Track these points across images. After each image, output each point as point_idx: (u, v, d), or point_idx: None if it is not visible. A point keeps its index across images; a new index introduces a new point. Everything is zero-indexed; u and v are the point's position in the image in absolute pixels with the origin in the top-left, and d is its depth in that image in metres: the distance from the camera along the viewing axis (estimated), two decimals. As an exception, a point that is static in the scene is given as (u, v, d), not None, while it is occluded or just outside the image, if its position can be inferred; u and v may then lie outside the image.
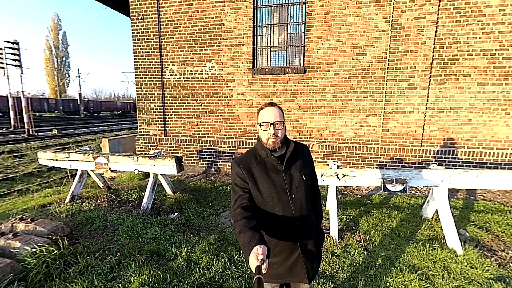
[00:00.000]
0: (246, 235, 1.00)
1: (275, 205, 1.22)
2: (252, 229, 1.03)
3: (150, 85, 5.81)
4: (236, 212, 1.15)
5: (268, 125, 1.20)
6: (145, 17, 5.51)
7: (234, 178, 1.26)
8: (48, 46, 45.27)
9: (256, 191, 1.22)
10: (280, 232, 1.23)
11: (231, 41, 5.19)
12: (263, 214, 1.22)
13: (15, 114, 17.32)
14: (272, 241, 1.23)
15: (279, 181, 1.23)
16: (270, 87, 5.20)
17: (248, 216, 1.11)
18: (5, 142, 11.86)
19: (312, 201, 1.43)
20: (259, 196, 1.22)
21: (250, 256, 0.88)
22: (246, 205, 1.17)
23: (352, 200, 4.18)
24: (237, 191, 1.23)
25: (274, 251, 1.24)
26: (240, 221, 1.09)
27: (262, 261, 0.84)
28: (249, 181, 1.22)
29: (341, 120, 4.98)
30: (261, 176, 1.23)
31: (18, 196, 5.11)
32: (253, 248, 0.90)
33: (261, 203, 1.23)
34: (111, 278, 2.19)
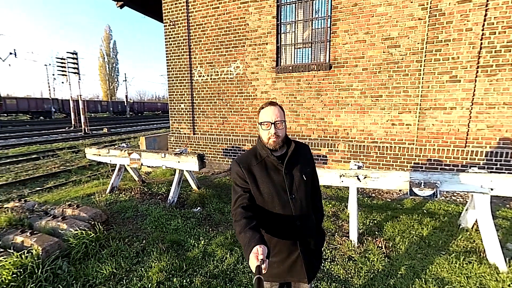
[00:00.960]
0: (246, 235, 1.02)
1: (275, 204, 1.22)
2: (252, 229, 1.04)
3: (180, 86, 6.19)
4: (236, 212, 1.16)
5: (269, 125, 1.19)
6: (176, 23, 5.88)
7: (235, 177, 1.27)
8: (102, 54, 51.13)
9: (256, 190, 1.22)
10: (280, 232, 1.23)
11: (255, 40, 5.24)
12: (263, 214, 1.23)
13: (75, 115, 20.00)
14: (272, 241, 1.24)
15: (279, 181, 1.23)
16: (294, 85, 5.13)
17: (248, 216, 1.12)
18: (66, 140, 13.80)
19: (312, 201, 1.41)
20: (259, 196, 1.22)
21: (250, 256, 0.89)
22: (246, 205, 1.18)
23: (380, 204, 3.91)
24: (238, 190, 1.23)
25: (274, 251, 1.24)
26: (240, 221, 1.10)
27: (262, 261, 0.85)
28: (249, 181, 1.22)
29: (370, 118, 4.67)
30: (261, 175, 1.23)
31: (72, 186, 5.94)
32: (253, 248, 0.91)
33: (261, 203, 1.23)
34: (135, 262, 2.44)
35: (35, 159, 8.94)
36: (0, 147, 11.16)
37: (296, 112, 5.23)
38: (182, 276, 2.25)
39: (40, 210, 3.37)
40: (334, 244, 2.75)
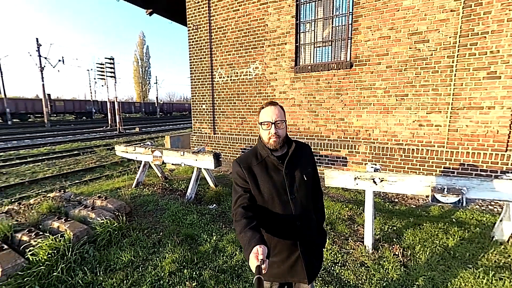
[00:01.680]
0: (246, 235, 1.02)
1: (275, 204, 1.22)
2: (252, 229, 1.04)
3: (202, 87, 6.43)
4: (237, 212, 1.16)
5: (269, 125, 1.19)
6: (198, 27, 6.12)
7: (235, 177, 1.27)
8: (136, 59, 54.95)
9: (256, 190, 1.22)
10: (280, 232, 1.23)
11: (274, 41, 5.25)
12: (264, 214, 1.23)
13: (111, 116, 21.77)
14: (272, 241, 1.23)
15: (280, 181, 1.22)
16: (312, 85, 5.04)
17: (249, 216, 1.12)
18: (103, 138, 15.10)
19: (313, 201, 1.40)
20: (259, 196, 1.22)
21: (250, 256, 0.90)
22: (247, 205, 1.18)
23: (402, 210, 3.67)
24: (238, 190, 1.24)
25: (274, 251, 1.24)
26: (240, 221, 1.11)
27: (262, 261, 0.85)
28: (250, 181, 1.22)
29: (394, 119, 4.41)
30: (261, 175, 1.23)
31: (105, 180, 6.49)
32: (253, 248, 0.91)
33: (261, 203, 1.23)
34: (152, 252, 2.61)
35: (76, 155, 9.93)
36: (50, 144, 12.60)
37: (315, 112, 5.13)
38: (193, 269, 2.35)
39: (75, 200, 3.76)
40: (346, 249, 2.66)
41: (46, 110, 22.56)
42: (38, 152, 10.34)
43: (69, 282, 2.15)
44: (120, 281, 2.19)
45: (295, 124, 5.37)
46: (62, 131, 18.88)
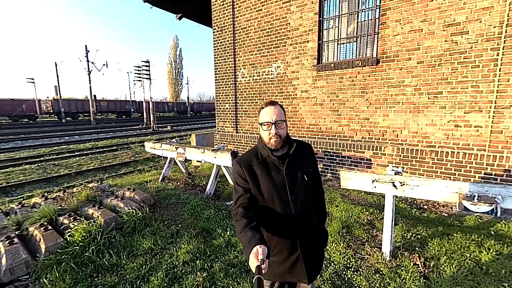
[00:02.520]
0: (246, 235, 1.02)
1: (275, 204, 1.22)
2: (253, 229, 1.04)
3: (225, 87, 6.62)
4: (237, 212, 1.17)
5: (269, 125, 1.18)
6: (223, 29, 6.31)
7: (236, 177, 1.28)
8: (170, 61, 58.24)
9: (256, 190, 1.22)
10: (280, 232, 1.24)
11: (296, 39, 5.19)
12: (264, 214, 1.23)
13: (147, 115, 23.47)
14: (273, 240, 1.24)
15: (280, 181, 1.22)
16: (335, 83, 4.87)
17: (249, 216, 1.13)
18: (138, 135, 16.35)
19: (314, 201, 1.39)
20: (259, 196, 1.22)
21: (250, 256, 0.90)
22: (247, 205, 1.18)
23: (431, 217, 3.38)
24: (239, 190, 1.24)
25: (274, 250, 1.24)
26: (240, 220, 1.11)
27: (262, 261, 0.85)
28: (250, 181, 1.22)
29: (426, 118, 4.06)
30: (262, 175, 1.22)
31: (137, 173, 7.04)
32: (253, 248, 0.91)
33: (261, 203, 1.23)
34: (170, 242, 2.80)
35: (115, 150, 10.94)
36: (94, 140, 14.06)
37: (337, 112, 4.95)
38: (205, 260, 2.47)
39: (109, 191, 4.17)
40: (361, 254, 2.55)
41: (92, 110, 25.16)
42: (84, 147, 11.61)
43: (98, 263, 2.42)
44: (139, 266, 2.40)
45: (316, 123, 5.25)
46: (105, 128, 20.89)
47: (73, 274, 2.26)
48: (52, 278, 2.18)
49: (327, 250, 2.66)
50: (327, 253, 2.60)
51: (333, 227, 3.05)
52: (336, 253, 2.58)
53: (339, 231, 2.97)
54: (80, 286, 2.13)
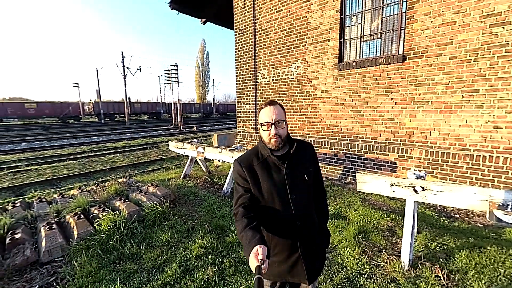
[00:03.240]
0: (246, 235, 1.02)
1: (276, 204, 1.21)
2: (253, 229, 1.04)
3: (246, 89, 6.72)
4: (238, 212, 1.17)
5: (269, 125, 1.18)
6: (244, 31, 6.42)
7: (236, 177, 1.28)
8: (197, 64, 60.60)
9: (256, 190, 1.21)
10: (280, 232, 1.23)
11: (317, 38, 5.09)
12: (264, 213, 1.23)
13: (175, 116, 24.69)
14: (273, 240, 1.24)
15: (280, 181, 1.21)
16: (358, 82, 4.67)
17: (249, 216, 1.13)
18: (166, 135, 17.29)
19: (316, 201, 1.38)
20: (259, 195, 1.22)
21: (250, 256, 0.90)
22: (248, 205, 1.18)
23: (462, 227, 3.08)
24: (239, 190, 1.24)
25: (274, 250, 1.24)
26: (240, 220, 1.12)
27: (262, 261, 0.86)
28: (250, 180, 1.21)
29: (459, 119, 3.72)
30: (262, 175, 1.22)
31: (162, 171, 7.47)
32: (253, 248, 0.91)
33: (261, 203, 1.23)
34: (185, 236, 2.93)
35: (144, 149, 11.70)
36: (127, 139, 15.19)
37: (359, 112, 4.75)
38: (217, 256, 2.55)
39: (135, 186, 4.49)
40: (377, 261, 2.42)
41: (126, 111, 27.19)
42: (118, 146, 12.61)
43: (120, 251, 2.63)
44: (156, 256, 2.56)
45: (337, 124, 5.09)
46: (137, 128, 22.44)
47: (99, 259, 2.49)
48: (81, 262, 2.43)
49: (340, 254, 2.58)
50: (340, 257, 2.52)
51: (349, 232, 2.94)
52: (350, 258, 2.48)
53: (355, 236, 2.85)
54: (104, 270, 2.34)
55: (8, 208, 3.71)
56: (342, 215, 3.49)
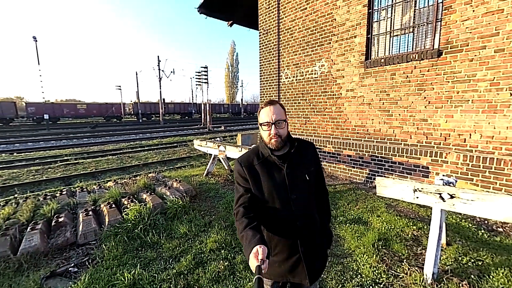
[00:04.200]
0: (246, 235, 1.02)
1: (276, 204, 1.20)
2: (253, 229, 1.04)
3: (269, 89, 6.74)
4: (238, 211, 1.17)
5: (269, 125, 1.17)
6: (268, 31, 6.44)
7: (236, 176, 1.27)
8: (227, 65, 62.20)
9: (256, 190, 1.21)
10: (280, 232, 1.23)
11: (342, 35, 4.89)
12: (265, 213, 1.23)
13: (204, 116, 25.71)
14: (273, 240, 1.23)
15: (281, 180, 1.20)
16: (386, 80, 4.38)
17: (249, 216, 1.12)
18: (196, 134, 18.09)
19: (317, 202, 1.36)
20: (260, 195, 1.21)
21: (250, 256, 0.90)
22: (248, 205, 1.18)
23: (505, 243, 2.72)
24: (239, 190, 1.24)
25: (275, 250, 1.24)
26: (241, 220, 1.12)
27: (262, 261, 0.86)
28: (250, 180, 1.21)
29: (506, 120, 3.27)
30: (262, 175, 1.21)
31: (189, 168, 7.85)
32: (253, 249, 0.91)
33: (262, 202, 1.22)
34: (202, 230, 3.06)
35: (175, 147, 12.41)
36: (160, 137, 16.26)
37: (388, 112, 4.45)
38: (229, 251, 2.62)
39: (162, 181, 4.82)
40: (396, 271, 2.26)
41: (161, 111, 29.08)
42: (152, 143, 13.57)
43: (143, 239, 2.86)
44: (174, 247, 2.72)
45: (363, 125, 4.83)
46: (170, 127, 23.87)
47: (124, 245, 2.74)
48: (109, 246, 2.70)
49: (356, 261, 2.46)
50: (356, 264, 2.41)
51: (368, 238, 2.79)
52: (366, 265, 2.36)
53: (375, 243, 2.69)
54: (128, 256, 2.57)
55: (57, 195, 4.27)
56: (363, 220, 3.32)
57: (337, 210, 3.66)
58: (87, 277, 2.21)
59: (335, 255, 2.59)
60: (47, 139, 15.83)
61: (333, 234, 1.53)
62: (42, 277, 2.26)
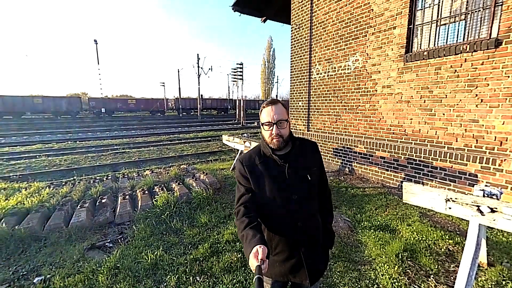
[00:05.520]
0: (247, 234, 1.02)
1: (277, 204, 1.19)
2: (253, 229, 1.04)
3: (299, 85, 6.59)
4: (239, 211, 1.16)
5: (270, 125, 1.16)
6: (300, 25, 6.26)
7: (238, 176, 1.26)
8: (264, 61, 62.22)
9: (257, 189, 1.20)
10: (281, 232, 1.22)
11: (380, 26, 4.51)
12: (265, 213, 1.22)
13: (238, 111, 26.33)
14: (274, 239, 1.23)
15: (282, 180, 1.19)
16: (429, 76, 3.92)
17: (250, 216, 1.11)
18: (229, 129, 18.67)
19: (320, 202, 1.34)
20: (260, 195, 1.20)
21: (250, 256, 0.90)
22: (249, 204, 1.17)
23: None
24: (240, 189, 1.23)
25: (276, 250, 1.23)
26: (241, 219, 1.11)
27: (262, 261, 0.86)
28: (251, 180, 1.20)
29: None
30: (263, 174, 1.20)
31: (219, 162, 8.19)
32: (253, 248, 0.91)
33: (263, 202, 1.20)
34: (221, 222, 3.21)
35: (209, 141, 13.03)
36: (196, 131, 17.22)
37: (430, 111, 3.99)
38: (244, 245, 2.70)
39: (191, 172, 5.14)
40: (420, 287, 2.06)
41: (199, 107, 30.66)
42: (189, 137, 14.46)
43: (168, 225, 3.12)
44: (194, 235, 2.91)
45: (400, 124, 4.42)
46: (206, 122, 25.07)
47: (152, 228, 3.03)
48: (139, 228, 3.02)
49: (375, 269, 2.32)
50: (374, 272, 2.27)
51: (392, 247, 2.59)
52: (385, 276, 2.20)
53: (399, 253, 2.49)
54: (153, 238, 2.84)
55: (104, 179, 4.90)
56: (390, 228, 3.08)
57: (363, 215, 3.46)
58: (119, 252, 2.52)
59: (353, 261, 2.48)
60: (102, 130, 18.08)
61: (335, 234, 1.48)
62: (85, 248, 2.65)
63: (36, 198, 3.54)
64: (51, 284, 2.14)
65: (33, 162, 8.38)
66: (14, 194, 3.81)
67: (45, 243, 2.76)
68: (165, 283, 2.18)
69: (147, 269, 2.32)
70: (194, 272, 2.29)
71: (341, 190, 4.48)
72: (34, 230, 2.82)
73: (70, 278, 2.20)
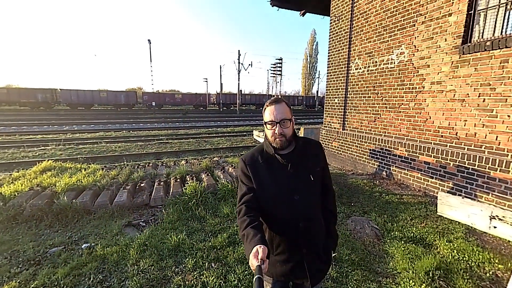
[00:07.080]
0: (247, 234, 1.02)
1: (279, 204, 1.19)
2: (254, 228, 1.03)
3: (336, 80, 6.24)
4: (240, 210, 1.16)
5: (273, 124, 1.15)
6: (340, 17, 5.88)
7: (240, 174, 1.26)
8: (306, 56, 60.28)
9: (260, 189, 1.19)
10: (282, 232, 1.21)
11: (432, 14, 3.96)
12: (267, 213, 1.21)
13: (276, 107, 26.16)
14: (275, 239, 1.22)
15: (284, 180, 1.18)
16: (492, 70, 3.32)
17: (251, 215, 1.11)
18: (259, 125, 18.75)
19: (322, 203, 1.31)
20: (262, 195, 1.19)
21: (250, 256, 0.90)
22: (250, 203, 1.16)
23: None
24: (243, 188, 1.22)
25: (277, 249, 1.23)
26: (242, 218, 1.11)
27: (262, 261, 0.85)
28: (254, 179, 1.20)
29: None
30: (266, 174, 1.19)
31: (251, 156, 8.34)
32: (253, 248, 0.91)
33: (265, 202, 1.19)
34: (242, 215, 3.31)
35: (244, 135, 13.34)
36: (233, 126, 17.78)
37: (490, 112, 3.39)
38: (261, 239, 2.75)
39: (221, 165, 5.37)
40: (449, 311, 1.82)
41: (238, 102, 31.51)
42: (226, 131, 15.04)
43: (193, 212, 3.35)
44: (216, 224, 3.07)
45: (450, 126, 3.87)
46: (244, 117, 25.65)
47: (179, 213, 3.30)
48: (168, 212, 3.31)
49: (398, 284, 2.13)
50: (396, 287, 2.08)
51: (423, 262, 2.32)
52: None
53: (430, 270, 2.23)
54: (179, 223, 3.09)
55: (146, 166, 5.47)
56: (425, 242, 2.76)
57: (395, 224, 3.17)
58: (148, 232, 2.82)
59: (374, 271, 2.31)
60: (152, 121, 20.05)
61: (339, 236, 1.41)
62: (123, 224, 3.04)
63: (92, 178, 4.17)
64: (94, 251, 2.53)
65: (95, 147, 9.81)
66: (76, 173, 4.55)
67: (94, 216, 3.25)
68: (183, 264, 2.37)
69: (170, 250, 2.55)
70: (210, 259, 2.43)
71: (374, 195, 4.16)
72: (87, 204, 3.35)
73: (108, 248, 2.57)
